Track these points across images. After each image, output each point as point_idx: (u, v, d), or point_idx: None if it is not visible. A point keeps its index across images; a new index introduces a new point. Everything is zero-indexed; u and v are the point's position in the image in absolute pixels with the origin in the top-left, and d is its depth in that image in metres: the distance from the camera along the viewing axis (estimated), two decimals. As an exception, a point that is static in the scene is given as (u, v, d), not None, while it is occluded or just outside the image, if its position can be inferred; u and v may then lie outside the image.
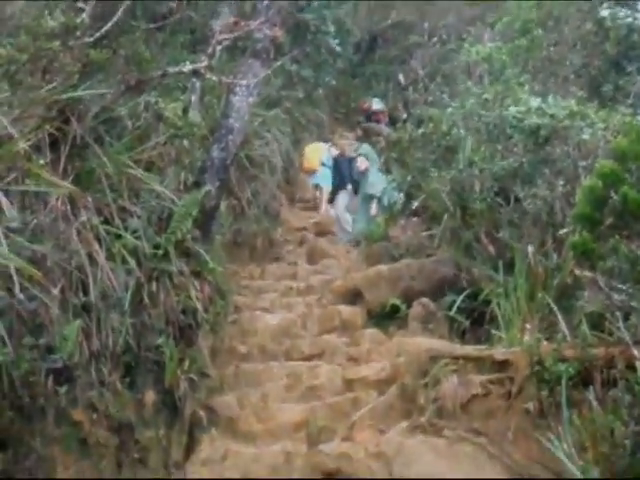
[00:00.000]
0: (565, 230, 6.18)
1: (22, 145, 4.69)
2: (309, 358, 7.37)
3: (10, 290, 4.18)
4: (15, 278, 4.15)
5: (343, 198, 13.32)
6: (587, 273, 5.40)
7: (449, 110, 9.00)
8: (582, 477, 3.59)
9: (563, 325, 5.53)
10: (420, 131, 9.28)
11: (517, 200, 7.18)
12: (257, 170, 11.90)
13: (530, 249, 6.43)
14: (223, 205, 8.58)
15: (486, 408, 5.37)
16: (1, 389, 4.14)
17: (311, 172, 15.00)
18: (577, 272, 5.65)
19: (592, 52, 11.05)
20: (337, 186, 13.46)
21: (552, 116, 7.17)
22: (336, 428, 5.98)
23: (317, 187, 15.02)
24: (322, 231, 13.49)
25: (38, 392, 4.44)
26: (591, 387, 4.46)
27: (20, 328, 4.31)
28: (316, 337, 7.88)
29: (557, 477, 4.03)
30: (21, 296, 4.23)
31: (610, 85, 10.22)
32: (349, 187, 13.21)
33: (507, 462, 4.89)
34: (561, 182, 6.81)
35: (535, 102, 7.56)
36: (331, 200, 13.72)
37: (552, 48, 11.34)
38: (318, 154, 14.79)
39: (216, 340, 7.02)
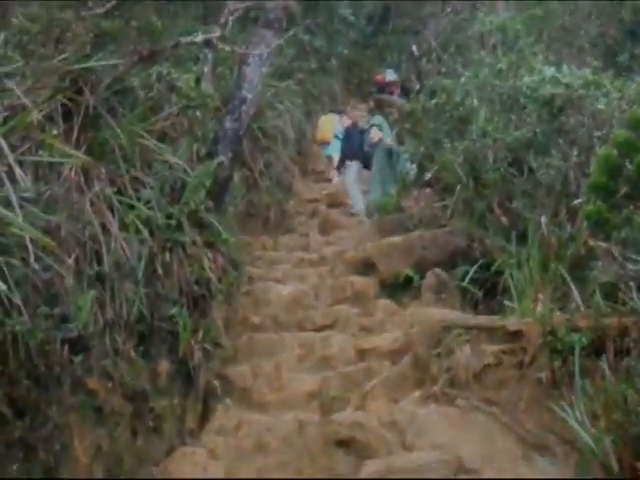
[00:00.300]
0: (579, 200, 6.17)
1: (35, 115, 4.69)
2: (322, 328, 7.40)
3: (25, 260, 4.19)
4: (30, 248, 4.17)
5: (352, 170, 13.24)
6: (601, 243, 5.39)
7: (462, 80, 8.95)
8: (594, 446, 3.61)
9: (576, 295, 5.52)
10: (433, 102, 9.24)
11: (531, 170, 7.16)
12: (270, 142, 11.89)
13: (543, 219, 6.41)
14: (236, 176, 8.59)
15: (499, 378, 5.39)
16: (17, 358, 4.16)
17: (324, 143, 14.97)
18: (591, 242, 5.64)
19: (607, 21, 10.95)
20: (346, 156, 13.36)
21: (567, 85, 7.13)
22: (349, 398, 6.02)
23: (330, 158, 14.98)
24: (334, 203, 13.47)
25: (54, 361, 4.45)
26: (604, 356, 4.46)
27: (35, 298, 4.33)
28: (329, 308, 7.90)
29: (569, 445, 4.06)
30: (36, 266, 4.25)
31: (626, 54, 10.13)
32: (357, 160, 13.12)
33: (519, 431, 4.92)
34: (575, 152, 6.78)
35: (549, 71, 7.51)
36: (339, 167, 13.65)
37: (567, 17, 11.25)
38: (332, 125, 14.74)
39: (229, 310, 7.06)
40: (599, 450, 3.59)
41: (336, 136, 14.36)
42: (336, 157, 14.10)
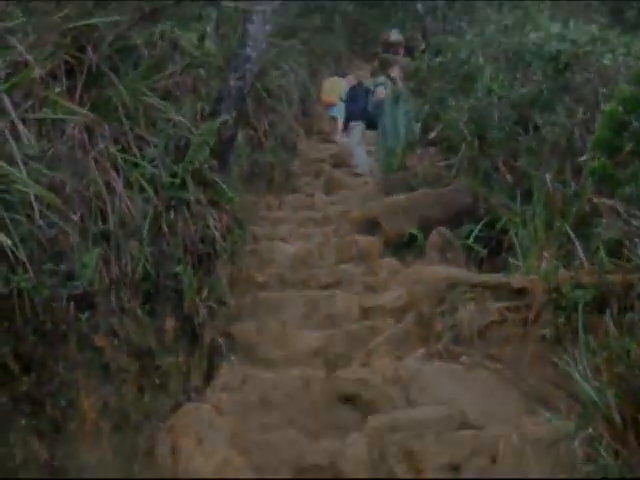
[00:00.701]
0: (584, 157, 6.15)
1: (38, 72, 4.67)
2: (326, 287, 7.40)
3: (30, 217, 4.20)
4: (34, 205, 4.18)
5: (357, 130, 13.21)
6: (606, 200, 5.40)
7: (468, 38, 8.89)
8: (597, 399, 3.64)
9: (581, 252, 5.52)
10: (438, 60, 9.19)
11: (536, 128, 7.13)
12: (274, 101, 11.83)
13: (548, 177, 6.40)
14: (240, 136, 8.56)
15: (503, 335, 5.42)
16: (23, 314, 4.19)
17: (329, 105, 14.97)
18: (595, 200, 5.64)
19: (615, -23, 10.84)
20: (350, 116, 13.32)
21: (573, 42, 7.08)
22: (353, 355, 6.05)
23: (334, 120, 14.96)
24: (339, 163, 13.45)
25: (59, 318, 4.49)
26: (608, 312, 4.48)
27: (40, 254, 4.35)
28: (333, 266, 7.90)
29: (572, 398, 4.09)
30: (41, 222, 4.26)
31: (633, 11, 10.03)
32: (362, 120, 13.05)
33: (523, 386, 4.95)
34: (581, 109, 6.74)
35: (555, 28, 7.46)
36: (345, 129, 13.64)
37: (574, -27, 11.13)
38: (336, 88, 14.72)
39: (234, 269, 7.05)
40: (602, 403, 3.62)
41: (341, 98, 14.33)
42: (341, 119, 14.09)
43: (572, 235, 5.74)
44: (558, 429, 3.96)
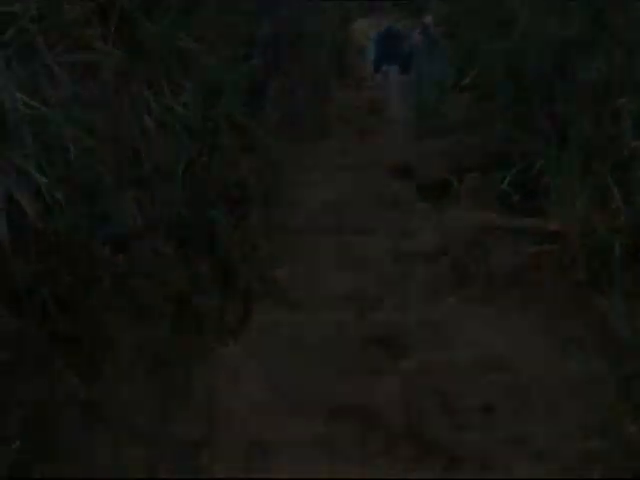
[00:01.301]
0: (623, 100, 6.05)
1: (71, 14, 4.66)
2: (360, 232, 7.41)
3: (65, 158, 4.22)
4: (70, 147, 4.19)
5: (392, 76, 13.07)
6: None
7: (504, -22, 8.71)
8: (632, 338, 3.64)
9: (617, 197, 5.46)
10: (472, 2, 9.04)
11: (574, 71, 7.00)
12: (307, 47, 11.70)
13: (585, 121, 6.30)
14: (273, 81, 8.52)
15: (537, 279, 5.40)
16: (60, 255, 4.24)
17: (361, 48, 14.84)
18: (634, 144, 5.57)
19: None
20: (382, 60, 13.16)
21: (614, -20, 6.93)
22: (387, 298, 6.07)
23: (367, 64, 14.83)
24: (373, 109, 13.34)
25: (95, 259, 4.54)
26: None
27: (76, 196, 4.38)
28: (366, 212, 7.89)
29: (606, 340, 4.09)
30: (76, 165, 4.28)
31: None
32: (395, 64, 12.93)
33: (557, 329, 4.95)
34: (620, 51, 6.61)
35: (596, -35, 7.28)
36: (377, 70, 13.52)
37: None
38: (368, 30, 14.58)
39: (267, 214, 7.07)
40: (636, 343, 3.62)
41: (371, 39, 14.19)
42: (373, 62, 13.96)
43: (609, 179, 5.67)
44: (592, 370, 3.97)
